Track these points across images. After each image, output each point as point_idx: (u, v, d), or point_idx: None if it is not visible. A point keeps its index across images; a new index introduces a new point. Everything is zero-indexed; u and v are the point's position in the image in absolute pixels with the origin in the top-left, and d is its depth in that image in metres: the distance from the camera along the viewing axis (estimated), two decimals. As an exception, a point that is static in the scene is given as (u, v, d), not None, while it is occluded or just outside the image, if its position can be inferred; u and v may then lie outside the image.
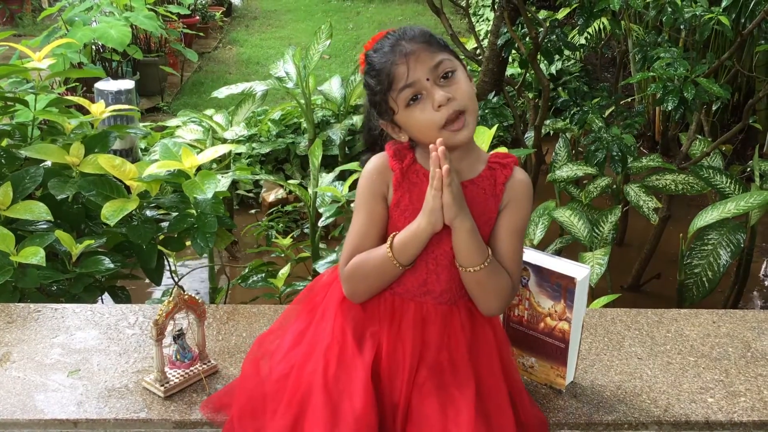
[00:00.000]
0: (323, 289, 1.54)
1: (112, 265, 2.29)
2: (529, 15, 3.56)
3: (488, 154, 1.48)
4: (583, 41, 5.52)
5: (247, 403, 1.46)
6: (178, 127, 4.24)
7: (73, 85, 4.64)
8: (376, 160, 1.46)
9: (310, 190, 3.18)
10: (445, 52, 1.37)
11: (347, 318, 1.45)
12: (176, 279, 2.84)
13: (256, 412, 1.43)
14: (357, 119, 4.63)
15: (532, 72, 3.95)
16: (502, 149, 2.48)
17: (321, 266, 2.68)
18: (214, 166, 3.52)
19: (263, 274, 2.86)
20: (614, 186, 3.50)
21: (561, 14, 4.24)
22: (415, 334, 1.43)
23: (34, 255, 2.09)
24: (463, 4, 4.74)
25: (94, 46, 5.71)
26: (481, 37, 6.31)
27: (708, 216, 2.92)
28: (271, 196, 4.41)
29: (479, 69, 4.23)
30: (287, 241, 3.22)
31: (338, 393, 1.35)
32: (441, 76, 1.35)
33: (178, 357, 1.66)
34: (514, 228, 1.43)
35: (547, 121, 4.22)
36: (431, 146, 1.31)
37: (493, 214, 1.43)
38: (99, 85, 4.36)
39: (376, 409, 1.35)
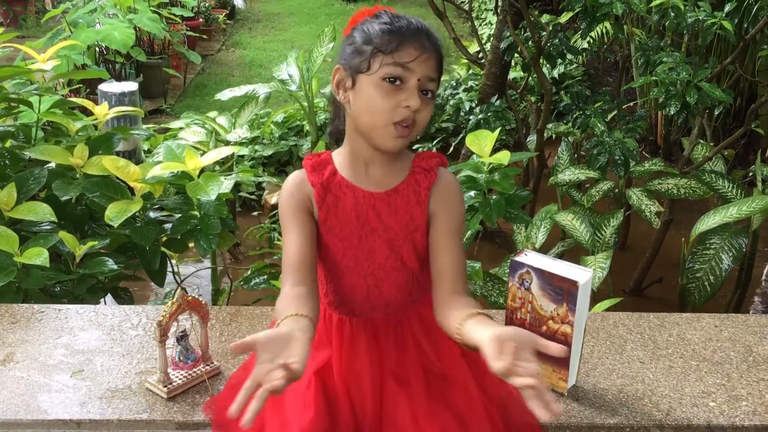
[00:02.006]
0: None
1: (115, 267, 2.30)
2: (532, 19, 3.57)
3: (414, 156, 1.43)
4: (585, 45, 5.53)
5: (222, 418, 1.49)
6: (181, 129, 4.24)
7: (77, 86, 4.65)
8: (294, 176, 1.41)
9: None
10: (439, 77, 1.34)
11: None
12: (179, 280, 2.84)
13: (227, 427, 1.46)
14: (359, 122, 4.63)
15: (535, 76, 3.96)
16: (505, 153, 2.48)
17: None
18: (217, 168, 3.53)
19: (265, 276, 2.86)
20: (616, 190, 3.50)
21: (564, 18, 4.24)
22: (371, 350, 1.41)
23: (38, 256, 2.09)
24: (466, 7, 4.75)
25: (97, 48, 5.73)
26: (483, 41, 6.32)
27: (710, 220, 2.92)
28: (273, 198, 4.42)
29: (482, 72, 4.23)
30: (289, 243, 3.22)
31: (290, 410, 1.35)
32: (424, 90, 1.30)
33: (181, 358, 1.66)
34: (451, 230, 1.39)
35: (550, 125, 4.22)
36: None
37: (420, 221, 1.38)
38: (102, 87, 4.38)
39: (325, 421, 1.33)
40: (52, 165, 2.54)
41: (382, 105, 1.29)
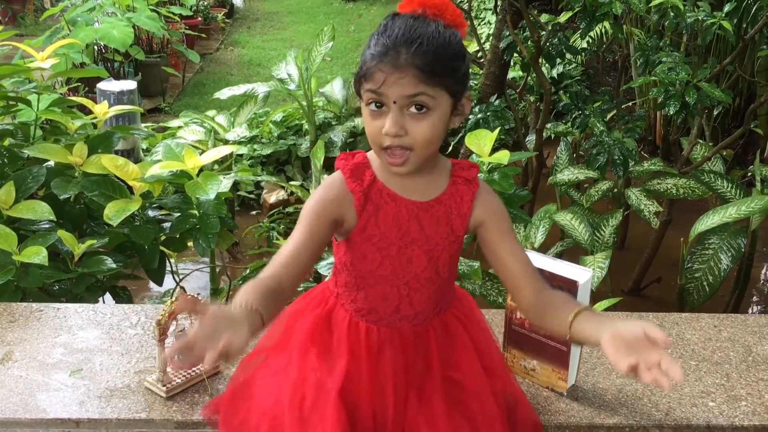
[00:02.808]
0: (293, 316, 1.49)
1: (114, 265, 2.29)
2: (532, 18, 3.56)
3: (450, 164, 1.40)
4: (584, 45, 5.52)
5: (227, 424, 1.45)
6: (179, 128, 4.25)
7: (75, 85, 4.65)
8: (332, 181, 1.36)
9: (311, 192, 3.18)
10: (433, 83, 1.23)
11: (319, 348, 1.43)
12: (177, 279, 2.84)
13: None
14: (358, 121, 4.64)
15: (534, 75, 3.96)
16: (504, 153, 2.48)
17: (322, 268, 2.68)
18: (216, 167, 3.53)
19: (264, 276, 2.85)
20: (615, 190, 3.50)
21: (563, 18, 4.24)
22: (396, 361, 1.40)
23: (37, 254, 2.09)
24: (465, 7, 4.74)
25: (96, 47, 5.72)
26: (482, 40, 6.32)
27: (709, 220, 2.92)
28: (272, 198, 4.42)
29: (481, 72, 4.23)
30: (288, 242, 3.21)
31: (313, 425, 1.33)
32: (415, 104, 1.24)
33: (180, 357, 1.65)
34: (507, 234, 1.39)
35: (549, 125, 4.22)
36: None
37: (460, 232, 1.37)
38: (101, 86, 4.38)
39: None
40: (51, 164, 2.54)
41: (370, 131, 1.28)
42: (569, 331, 1.26)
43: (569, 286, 1.54)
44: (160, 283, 2.56)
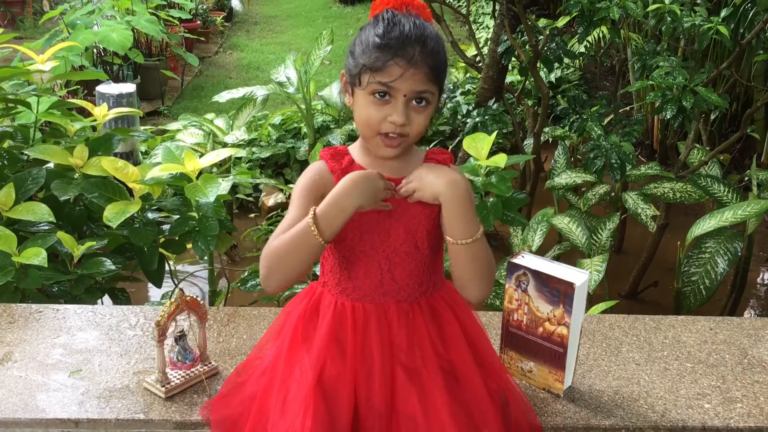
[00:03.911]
0: (287, 317, 1.54)
1: (113, 267, 2.30)
2: (530, 23, 3.58)
3: (424, 151, 1.50)
4: (582, 50, 5.54)
5: (221, 423, 1.49)
6: (178, 130, 4.25)
7: (74, 88, 4.65)
8: (315, 166, 1.45)
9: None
10: (436, 82, 1.35)
11: (305, 337, 1.46)
12: (176, 281, 2.85)
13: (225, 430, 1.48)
14: (357, 125, 4.64)
15: (532, 79, 3.97)
16: (502, 156, 2.50)
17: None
18: (215, 170, 3.54)
19: (262, 278, 2.86)
20: (613, 193, 3.52)
21: (561, 23, 4.26)
22: (382, 337, 1.43)
23: (36, 256, 2.10)
24: (464, 11, 4.76)
25: (95, 50, 5.73)
26: (481, 45, 6.34)
27: (705, 224, 2.93)
28: (270, 200, 4.43)
29: (479, 76, 4.25)
30: (287, 245, 3.21)
31: (292, 416, 1.36)
32: (417, 99, 1.34)
33: (179, 358, 1.66)
34: None
35: (546, 129, 4.24)
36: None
37: (434, 208, 1.44)
38: (100, 89, 4.39)
39: (325, 423, 1.34)
40: (51, 165, 2.54)
41: (371, 118, 1.35)
42: (454, 241, 1.38)
43: (566, 289, 1.56)
44: (159, 285, 2.57)
